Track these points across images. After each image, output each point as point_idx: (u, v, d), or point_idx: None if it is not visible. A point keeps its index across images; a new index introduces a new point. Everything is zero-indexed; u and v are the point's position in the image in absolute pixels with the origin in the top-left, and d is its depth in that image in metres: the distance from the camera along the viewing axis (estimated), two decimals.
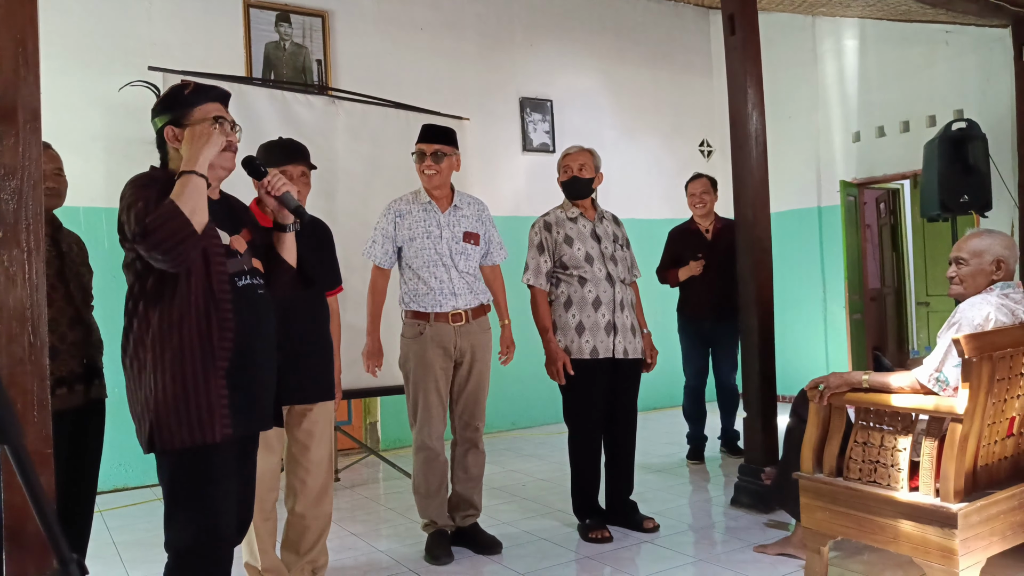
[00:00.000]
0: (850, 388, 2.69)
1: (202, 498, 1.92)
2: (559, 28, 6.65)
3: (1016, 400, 2.52)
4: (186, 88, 2.02)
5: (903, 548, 2.46)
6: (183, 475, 1.92)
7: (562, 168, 3.58)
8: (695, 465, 4.81)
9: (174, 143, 2.00)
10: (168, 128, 2.00)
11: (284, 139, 2.87)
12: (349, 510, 4.14)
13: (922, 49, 5.95)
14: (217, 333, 1.90)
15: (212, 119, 1.98)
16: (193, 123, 1.97)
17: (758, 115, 3.91)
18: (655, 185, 7.07)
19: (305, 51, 5.44)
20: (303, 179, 2.80)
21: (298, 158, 2.81)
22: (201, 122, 1.97)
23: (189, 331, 1.88)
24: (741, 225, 3.96)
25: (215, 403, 1.89)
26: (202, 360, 1.89)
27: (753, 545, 3.25)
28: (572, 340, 3.44)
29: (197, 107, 1.99)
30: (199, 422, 1.88)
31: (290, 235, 2.21)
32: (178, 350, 1.87)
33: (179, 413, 1.87)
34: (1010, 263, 2.66)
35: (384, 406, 5.64)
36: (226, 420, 1.91)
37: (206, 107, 2.00)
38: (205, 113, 1.99)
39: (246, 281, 2.02)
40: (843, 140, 6.58)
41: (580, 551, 3.34)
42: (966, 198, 4.86)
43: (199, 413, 1.88)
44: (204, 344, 1.89)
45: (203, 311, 1.90)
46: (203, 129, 1.93)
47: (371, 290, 3.38)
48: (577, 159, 3.54)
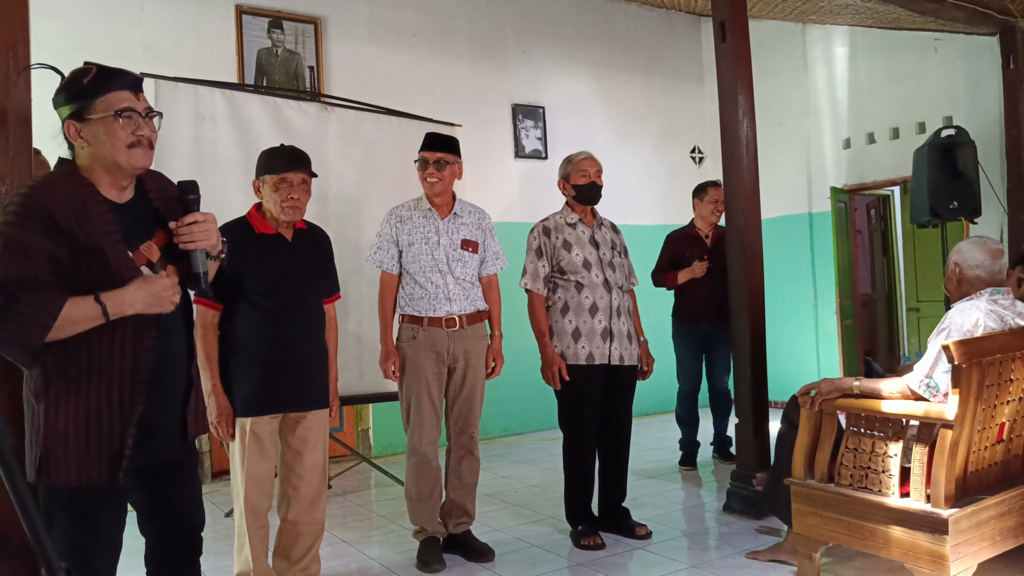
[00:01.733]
0: (841, 394, 2.70)
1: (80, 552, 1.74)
2: (551, 35, 6.67)
3: (1006, 406, 2.53)
4: (87, 74, 1.74)
5: (894, 554, 2.47)
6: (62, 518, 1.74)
7: (579, 172, 3.54)
8: (687, 471, 4.81)
9: (76, 140, 1.75)
10: (69, 123, 1.75)
11: (287, 146, 2.87)
12: (341, 517, 4.12)
13: (911, 56, 5.99)
14: (119, 362, 1.73)
15: (114, 113, 1.73)
16: (94, 117, 1.73)
17: (749, 121, 3.92)
18: (647, 191, 7.09)
19: (297, 57, 5.43)
20: (303, 186, 2.79)
21: (299, 166, 2.80)
22: (103, 116, 1.73)
23: (89, 356, 1.71)
24: (732, 231, 3.98)
25: (116, 437, 1.74)
26: (97, 392, 1.72)
27: (745, 551, 3.25)
28: (568, 346, 3.44)
29: (99, 97, 1.73)
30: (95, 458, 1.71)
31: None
32: (75, 379, 1.70)
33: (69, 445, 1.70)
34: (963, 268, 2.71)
35: (376, 413, 5.63)
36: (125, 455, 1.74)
37: (110, 97, 1.73)
38: (109, 106, 1.73)
39: None
40: (833, 146, 6.61)
41: (572, 558, 3.33)
42: (955, 204, 4.89)
43: (97, 447, 1.71)
44: (106, 370, 1.72)
45: (107, 339, 1.72)
46: (161, 286, 1.71)
47: (381, 297, 3.37)
48: (595, 165, 3.55)
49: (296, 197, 2.75)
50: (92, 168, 1.78)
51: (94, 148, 1.75)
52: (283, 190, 2.73)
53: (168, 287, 1.74)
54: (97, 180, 1.79)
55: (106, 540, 1.81)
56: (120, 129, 1.73)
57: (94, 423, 1.72)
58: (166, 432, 1.88)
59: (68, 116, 1.75)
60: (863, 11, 5.43)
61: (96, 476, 1.73)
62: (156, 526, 1.98)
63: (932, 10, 4.88)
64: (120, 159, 1.75)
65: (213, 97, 3.98)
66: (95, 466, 1.73)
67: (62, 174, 1.78)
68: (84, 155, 1.77)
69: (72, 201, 1.71)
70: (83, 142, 1.75)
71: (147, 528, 1.99)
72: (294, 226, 2.81)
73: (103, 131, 1.73)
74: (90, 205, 1.73)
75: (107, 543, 1.82)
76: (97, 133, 1.73)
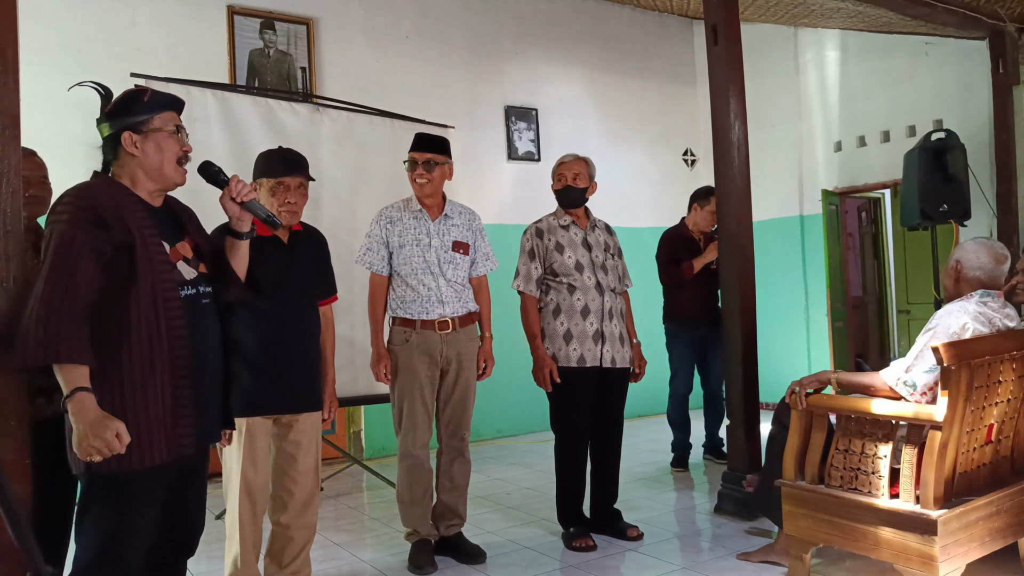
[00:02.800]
0: (820, 384, 2.72)
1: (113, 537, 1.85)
2: (545, 37, 6.68)
3: (994, 407, 2.55)
4: (145, 95, 1.98)
5: (884, 555, 2.48)
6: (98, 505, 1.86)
7: (556, 176, 3.58)
8: (680, 472, 4.82)
9: (132, 149, 1.94)
10: (127, 134, 1.94)
11: (284, 149, 2.86)
12: (333, 519, 4.11)
13: (902, 60, 6.02)
14: (159, 347, 1.85)
15: (175, 128, 1.97)
16: (153, 131, 1.94)
17: (741, 124, 3.94)
18: (640, 193, 7.10)
19: (290, 58, 5.43)
20: (300, 190, 2.78)
21: (297, 170, 2.79)
22: (161, 130, 1.94)
23: (129, 347, 1.82)
24: (724, 233, 3.99)
25: (154, 424, 1.84)
26: (141, 378, 1.83)
27: (736, 553, 3.26)
28: (560, 348, 3.45)
29: (157, 115, 1.95)
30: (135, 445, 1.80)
31: (244, 243, 2.14)
32: (117, 368, 1.82)
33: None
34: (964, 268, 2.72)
35: (368, 415, 5.62)
36: (162, 442, 1.86)
37: (167, 115, 1.97)
38: (165, 122, 1.96)
39: (189, 291, 1.96)
40: (825, 149, 6.64)
41: (564, 560, 3.33)
42: (946, 207, 4.92)
43: (138, 435, 1.81)
44: (145, 360, 1.84)
45: (144, 325, 1.84)
46: (108, 435, 1.73)
47: (371, 298, 3.35)
48: (572, 168, 3.55)
49: (293, 201, 2.74)
50: (134, 178, 1.96)
51: (145, 160, 1.94)
52: (280, 194, 2.72)
53: (110, 436, 1.73)
54: (134, 188, 1.96)
55: (141, 529, 1.90)
56: (175, 143, 1.96)
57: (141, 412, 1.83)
58: (209, 421, 2.03)
59: (125, 128, 1.93)
60: (855, 15, 5.46)
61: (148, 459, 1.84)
62: (165, 522, 2.02)
63: (923, 14, 4.91)
64: (168, 170, 1.96)
65: (205, 98, 3.96)
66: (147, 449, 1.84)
67: (100, 181, 1.95)
68: (131, 165, 1.95)
69: (112, 199, 1.89)
70: (138, 151, 1.93)
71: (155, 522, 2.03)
72: (291, 228, 2.81)
73: (160, 144, 1.94)
74: (126, 203, 1.91)
75: (141, 532, 1.91)
76: (153, 145, 1.94)
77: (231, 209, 2.09)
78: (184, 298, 1.93)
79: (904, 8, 4.84)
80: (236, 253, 2.15)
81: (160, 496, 1.94)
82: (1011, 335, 2.58)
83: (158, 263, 1.88)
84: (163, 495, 1.95)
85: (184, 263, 1.97)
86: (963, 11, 4.96)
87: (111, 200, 1.88)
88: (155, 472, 1.89)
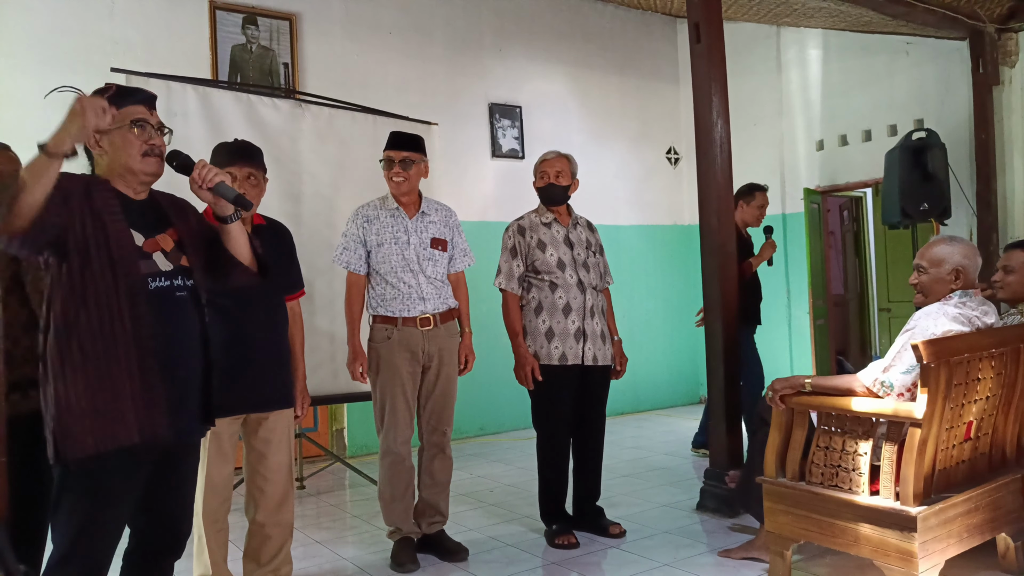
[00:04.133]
0: (795, 390, 2.72)
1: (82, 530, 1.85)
2: (528, 34, 6.67)
3: (973, 405, 2.57)
4: (107, 91, 1.94)
5: (864, 551, 2.50)
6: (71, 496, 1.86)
7: (539, 174, 3.58)
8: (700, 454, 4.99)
9: (96, 149, 1.95)
10: None
11: (237, 140, 2.80)
12: (314, 517, 4.09)
13: (883, 59, 6.06)
14: (120, 327, 1.84)
15: (130, 123, 1.93)
16: (112, 127, 1.91)
17: (723, 123, 3.95)
18: (622, 191, 7.11)
19: (272, 54, 5.39)
20: (251, 180, 2.70)
21: (241, 158, 2.70)
22: (119, 126, 1.92)
23: (88, 319, 1.82)
24: (705, 231, 4.00)
25: (123, 404, 1.83)
26: (107, 363, 1.83)
27: (718, 549, 3.27)
28: (541, 346, 3.44)
29: (117, 111, 1.91)
30: (106, 425, 1.81)
31: (235, 226, 2.09)
32: (80, 352, 1.82)
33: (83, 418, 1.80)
34: (970, 272, 2.68)
35: (351, 413, 5.59)
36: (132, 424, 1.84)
37: (127, 110, 1.94)
38: (125, 117, 1.93)
39: (161, 283, 1.93)
40: (807, 148, 6.67)
41: (546, 557, 3.33)
42: (926, 206, 4.97)
43: (106, 415, 1.81)
44: (107, 337, 1.83)
45: (107, 314, 1.84)
46: (75, 107, 1.78)
47: (348, 297, 3.32)
48: (554, 165, 3.54)
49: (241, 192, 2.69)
50: (109, 173, 1.97)
51: (111, 156, 1.94)
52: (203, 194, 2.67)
53: (85, 100, 1.77)
54: (113, 183, 1.96)
55: (111, 520, 1.89)
56: (135, 138, 1.93)
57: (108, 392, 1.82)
58: (188, 414, 1.98)
59: None
60: (836, 14, 5.49)
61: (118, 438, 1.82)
62: (148, 522, 2.03)
63: (903, 14, 4.94)
64: (135, 165, 1.94)
65: (185, 93, 3.91)
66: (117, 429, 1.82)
67: (80, 175, 1.96)
68: (103, 164, 1.96)
69: (84, 186, 1.90)
70: (102, 150, 1.94)
71: (138, 521, 2.03)
72: (252, 222, 2.74)
73: (120, 140, 1.93)
74: (97, 191, 1.91)
75: (112, 524, 1.89)
76: (115, 142, 1.93)
77: (202, 196, 2.04)
78: (155, 289, 1.92)
79: (884, 7, 4.87)
80: (229, 238, 2.10)
81: (134, 488, 1.92)
82: (989, 333, 2.60)
83: (118, 245, 1.87)
84: (138, 488, 1.93)
85: (162, 255, 1.96)
86: (943, 11, 5.00)
87: (82, 186, 1.89)
88: (128, 459, 1.87)
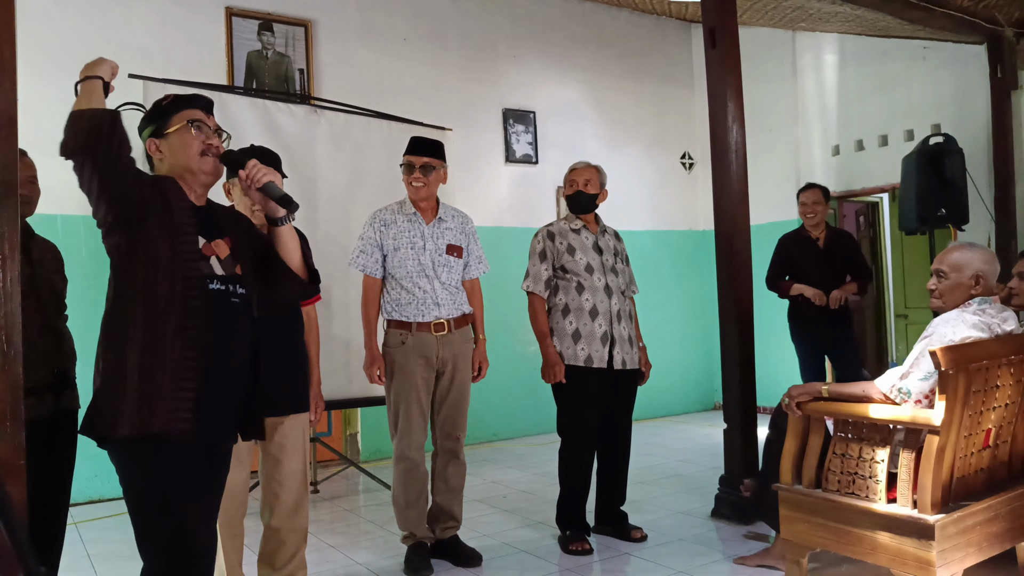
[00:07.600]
0: (811, 397, 2.71)
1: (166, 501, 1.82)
2: (542, 40, 6.68)
3: (992, 412, 2.55)
4: (165, 100, 2.02)
5: (881, 560, 2.47)
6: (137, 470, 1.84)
7: (568, 182, 3.66)
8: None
9: (156, 154, 1.99)
10: (150, 141, 1.99)
11: (254, 146, 2.82)
12: (328, 522, 4.10)
13: (900, 64, 6.03)
14: (175, 331, 1.83)
15: (187, 122, 1.96)
16: (171, 131, 1.96)
17: (738, 128, 3.94)
18: (637, 196, 7.10)
19: (288, 60, 5.42)
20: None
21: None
22: (178, 128, 1.96)
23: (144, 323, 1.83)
24: (720, 237, 3.99)
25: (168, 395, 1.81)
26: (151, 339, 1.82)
27: (733, 557, 3.25)
28: (568, 347, 3.46)
29: (175, 114, 1.97)
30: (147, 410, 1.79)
31: (286, 229, 2.08)
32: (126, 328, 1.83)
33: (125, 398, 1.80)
34: (989, 278, 2.66)
35: (364, 417, 5.61)
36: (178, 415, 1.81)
37: (184, 113, 1.98)
38: (183, 118, 1.97)
39: (217, 286, 1.93)
40: (823, 153, 6.64)
41: (561, 563, 3.32)
42: (943, 212, 4.93)
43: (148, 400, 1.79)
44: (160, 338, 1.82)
45: (163, 306, 1.84)
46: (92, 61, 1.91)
47: (364, 301, 3.33)
48: (583, 174, 3.61)
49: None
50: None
51: (171, 159, 1.97)
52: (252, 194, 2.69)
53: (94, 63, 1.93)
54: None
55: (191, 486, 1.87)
56: (193, 138, 1.96)
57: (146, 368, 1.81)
58: (220, 418, 1.96)
59: (149, 135, 1.99)
60: (852, 19, 5.47)
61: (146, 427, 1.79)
62: None
63: (921, 19, 4.92)
64: (193, 165, 1.96)
65: None
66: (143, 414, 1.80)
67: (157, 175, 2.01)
68: (163, 169, 1.99)
69: (153, 179, 1.96)
70: (161, 155, 1.98)
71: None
72: (266, 228, 2.76)
73: (178, 141, 1.96)
74: (167, 184, 1.96)
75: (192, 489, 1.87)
76: (173, 144, 1.97)
77: (252, 196, 2.06)
78: (211, 290, 1.91)
79: (902, 12, 4.85)
80: (280, 242, 2.09)
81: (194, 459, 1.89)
82: (1009, 340, 2.58)
83: (182, 241, 1.90)
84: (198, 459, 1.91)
85: (216, 260, 1.96)
86: (961, 15, 4.97)
87: (153, 179, 1.95)
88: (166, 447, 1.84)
